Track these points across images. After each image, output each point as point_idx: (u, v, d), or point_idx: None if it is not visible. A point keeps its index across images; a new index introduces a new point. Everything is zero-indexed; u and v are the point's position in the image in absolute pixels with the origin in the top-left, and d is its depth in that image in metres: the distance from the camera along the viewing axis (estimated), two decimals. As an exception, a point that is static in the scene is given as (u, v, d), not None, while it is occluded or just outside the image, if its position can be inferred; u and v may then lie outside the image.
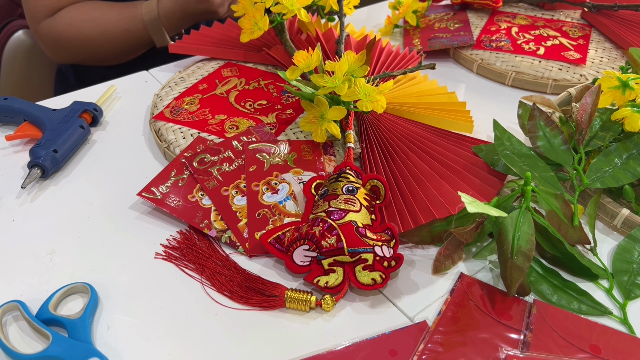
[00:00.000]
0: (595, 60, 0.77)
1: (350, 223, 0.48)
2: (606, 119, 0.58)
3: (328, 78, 0.57)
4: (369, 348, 0.43)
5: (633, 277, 0.49)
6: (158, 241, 0.52)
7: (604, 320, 0.46)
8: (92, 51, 0.90)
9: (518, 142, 0.56)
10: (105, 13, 0.88)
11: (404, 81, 0.70)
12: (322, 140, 0.59)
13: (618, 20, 0.84)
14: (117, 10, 0.88)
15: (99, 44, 0.88)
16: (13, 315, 0.46)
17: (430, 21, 0.88)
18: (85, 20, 0.87)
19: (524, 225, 0.47)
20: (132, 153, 0.63)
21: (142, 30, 0.87)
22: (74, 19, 0.87)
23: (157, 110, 0.67)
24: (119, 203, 0.56)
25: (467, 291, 0.47)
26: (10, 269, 0.50)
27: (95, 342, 0.44)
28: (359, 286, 0.46)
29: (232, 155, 0.58)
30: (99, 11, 0.88)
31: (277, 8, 0.67)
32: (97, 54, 0.91)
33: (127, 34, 0.88)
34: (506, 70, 0.75)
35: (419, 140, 0.60)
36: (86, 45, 0.89)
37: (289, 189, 0.55)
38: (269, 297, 0.47)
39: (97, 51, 0.90)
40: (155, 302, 0.47)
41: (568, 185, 0.57)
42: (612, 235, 0.54)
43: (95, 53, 0.91)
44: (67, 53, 0.91)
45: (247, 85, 0.70)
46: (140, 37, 0.84)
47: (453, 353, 0.42)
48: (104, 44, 0.89)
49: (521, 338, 0.44)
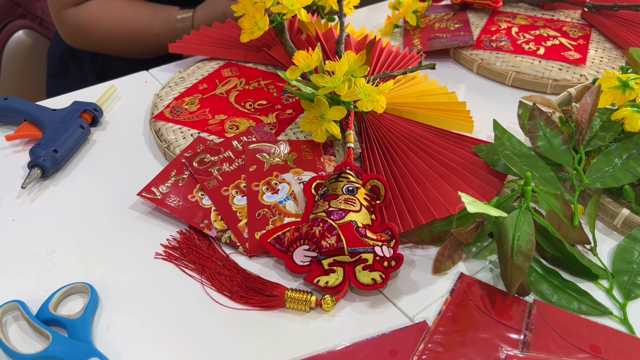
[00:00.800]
0: (595, 60, 0.77)
1: (350, 223, 0.48)
2: (606, 119, 0.58)
3: (328, 78, 0.57)
4: (369, 348, 0.43)
5: (633, 277, 0.49)
6: (158, 241, 0.52)
7: (604, 320, 0.46)
8: (117, 48, 0.90)
9: (518, 142, 0.56)
10: (137, 13, 0.86)
11: (404, 81, 0.70)
12: (322, 140, 0.59)
13: (618, 20, 0.84)
14: (149, 12, 0.86)
15: (126, 42, 0.88)
16: (13, 315, 0.46)
17: (430, 21, 0.88)
18: (116, 17, 0.85)
19: (524, 225, 0.47)
20: (132, 153, 0.63)
21: (172, 37, 0.86)
22: (103, 14, 0.85)
23: (157, 110, 0.67)
24: (119, 203, 0.56)
25: (467, 291, 0.47)
26: (10, 269, 0.50)
27: (95, 342, 0.44)
28: (359, 286, 0.46)
29: (232, 155, 0.58)
30: (131, 10, 0.86)
31: (277, 8, 0.67)
32: (121, 51, 0.91)
33: (156, 39, 0.87)
34: (506, 70, 0.75)
35: (419, 140, 0.60)
36: (112, 42, 0.88)
37: (289, 189, 0.55)
38: (269, 297, 0.47)
39: (122, 48, 0.90)
40: (155, 302, 0.47)
41: (568, 185, 0.57)
42: (612, 235, 0.54)
43: (120, 50, 0.91)
44: (88, 43, 0.90)
45: (247, 85, 0.70)
46: (168, 42, 0.84)
47: (453, 353, 0.42)
48: (131, 44, 0.88)
49: (521, 338, 0.44)
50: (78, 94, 0.72)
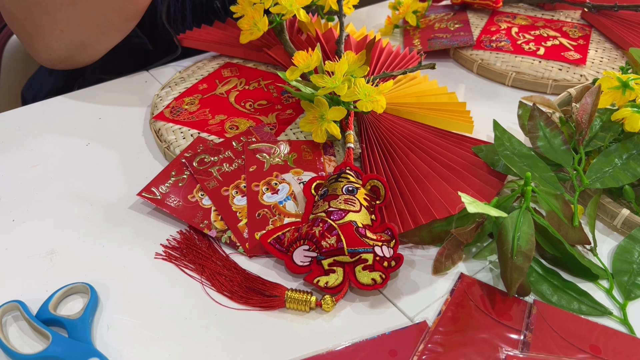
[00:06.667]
0: (595, 60, 0.77)
1: (350, 223, 0.48)
2: (606, 119, 0.58)
3: (328, 78, 0.57)
4: (369, 348, 0.43)
5: (633, 277, 0.49)
6: (158, 241, 0.52)
7: (604, 320, 0.46)
8: (94, 34, 0.70)
9: (518, 143, 0.56)
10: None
11: (404, 81, 0.70)
12: (322, 140, 0.59)
13: (618, 21, 0.84)
14: None
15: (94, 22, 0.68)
16: (13, 315, 0.46)
17: (430, 21, 0.88)
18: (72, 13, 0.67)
19: (524, 226, 0.47)
20: (132, 153, 0.63)
21: None
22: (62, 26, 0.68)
23: (157, 110, 0.67)
24: (119, 203, 0.56)
25: (467, 291, 0.47)
26: (10, 269, 0.50)
27: (95, 342, 0.44)
28: (359, 286, 0.46)
29: (232, 156, 0.58)
30: None
31: (276, 9, 0.67)
32: (100, 34, 0.70)
33: None
34: (506, 71, 0.75)
35: (419, 140, 0.60)
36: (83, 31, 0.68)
37: (289, 189, 0.55)
38: (269, 297, 0.47)
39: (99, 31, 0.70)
40: (155, 302, 0.47)
41: (568, 186, 0.57)
42: (612, 235, 0.54)
43: (98, 34, 0.70)
44: (79, 60, 0.73)
45: (247, 85, 0.70)
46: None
47: (453, 353, 0.42)
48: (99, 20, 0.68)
49: (521, 338, 0.44)
50: (78, 94, 0.72)
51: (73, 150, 0.63)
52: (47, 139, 0.65)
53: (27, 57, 1.03)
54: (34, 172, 0.60)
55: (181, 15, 0.90)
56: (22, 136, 0.65)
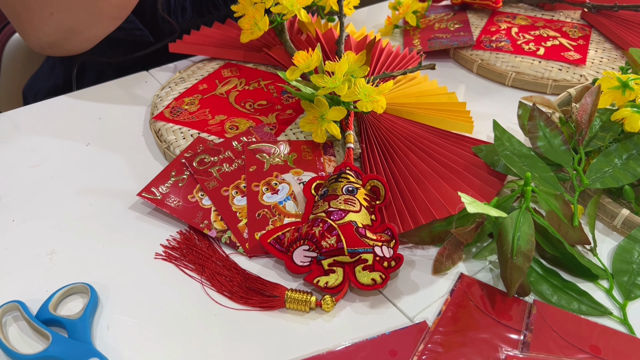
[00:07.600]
0: (595, 60, 0.77)
1: (350, 223, 0.48)
2: (606, 119, 0.58)
3: (328, 78, 0.57)
4: (369, 348, 0.43)
5: (633, 277, 0.49)
6: (158, 241, 0.52)
7: (604, 320, 0.46)
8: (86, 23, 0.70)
9: (518, 143, 0.56)
10: None
11: (404, 81, 0.70)
12: (322, 140, 0.59)
13: (618, 21, 0.84)
14: None
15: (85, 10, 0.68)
16: (13, 316, 0.46)
17: (430, 21, 0.88)
18: None
19: (523, 226, 0.47)
20: (132, 153, 0.63)
21: None
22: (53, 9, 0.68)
23: (157, 110, 0.67)
24: (119, 203, 0.56)
25: (467, 291, 0.47)
26: (10, 269, 0.50)
27: (95, 342, 0.44)
28: (359, 286, 0.46)
29: (232, 156, 0.58)
30: None
31: (277, 8, 0.67)
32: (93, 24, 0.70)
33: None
34: (506, 71, 0.75)
35: (419, 140, 0.60)
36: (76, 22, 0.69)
37: (289, 189, 0.55)
38: (268, 298, 0.47)
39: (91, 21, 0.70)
40: (155, 302, 0.47)
41: (568, 186, 0.57)
42: (612, 235, 0.54)
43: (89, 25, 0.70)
44: (70, 47, 0.73)
45: (247, 85, 0.70)
46: None
47: (453, 353, 0.42)
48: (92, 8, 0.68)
49: (521, 338, 0.44)
50: (78, 94, 0.72)
51: (73, 150, 0.63)
52: (47, 138, 0.65)
53: (28, 56, 1.03)
54: (34, 172, 0.60)
55: (181, 7, 0.89)
56: (22, 136, 0.65)
